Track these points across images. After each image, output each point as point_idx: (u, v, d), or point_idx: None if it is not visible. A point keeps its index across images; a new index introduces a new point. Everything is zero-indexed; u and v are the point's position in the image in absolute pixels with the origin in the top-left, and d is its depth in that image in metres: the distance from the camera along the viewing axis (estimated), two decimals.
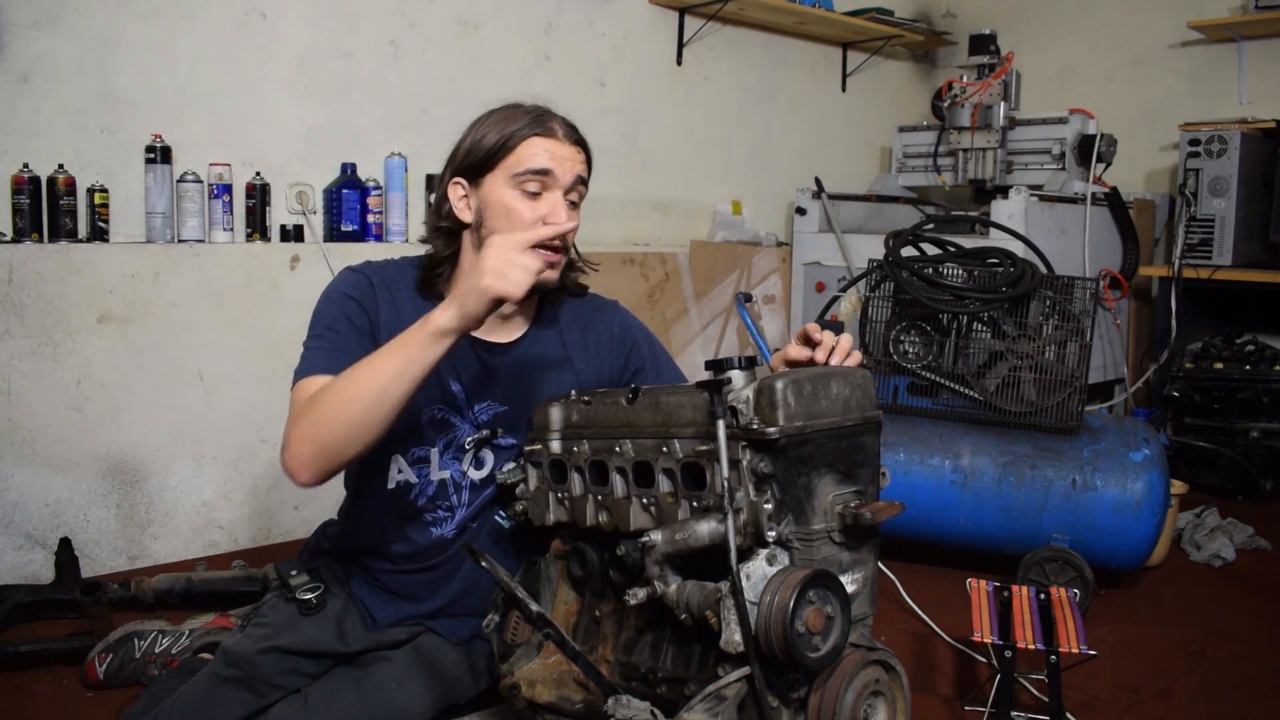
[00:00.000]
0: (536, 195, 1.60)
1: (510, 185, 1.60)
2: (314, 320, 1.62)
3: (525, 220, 1.58)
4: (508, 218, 1.59)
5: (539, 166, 1.58)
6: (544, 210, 1.59)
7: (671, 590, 1.30)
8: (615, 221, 3.81)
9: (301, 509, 2.93)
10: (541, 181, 1.59)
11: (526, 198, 1.59)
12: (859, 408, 1.36)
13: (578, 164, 1.63)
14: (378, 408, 1.42)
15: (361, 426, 1.43)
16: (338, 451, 1.44)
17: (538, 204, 1.59)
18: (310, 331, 1.61)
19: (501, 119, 1.63)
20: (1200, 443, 3.46)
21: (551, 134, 1.61)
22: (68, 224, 2.55)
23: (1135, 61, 4.43)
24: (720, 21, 4.02)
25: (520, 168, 1.59)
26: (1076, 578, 2.40)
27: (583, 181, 1.64)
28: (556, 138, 1.61)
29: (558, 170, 1.59)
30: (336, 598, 1.74)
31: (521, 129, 1.60)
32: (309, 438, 1.43)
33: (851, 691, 1.25)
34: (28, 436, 2.49)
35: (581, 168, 1.63)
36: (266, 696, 1.61)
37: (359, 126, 3.10)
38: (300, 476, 1.45)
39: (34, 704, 1.94)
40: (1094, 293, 2.60)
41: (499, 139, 1.60)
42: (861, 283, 2.96)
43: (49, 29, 2.56)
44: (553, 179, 1.59)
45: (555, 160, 1.59)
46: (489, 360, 1.68)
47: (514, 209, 1.59)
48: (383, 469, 1.67)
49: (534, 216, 1.58)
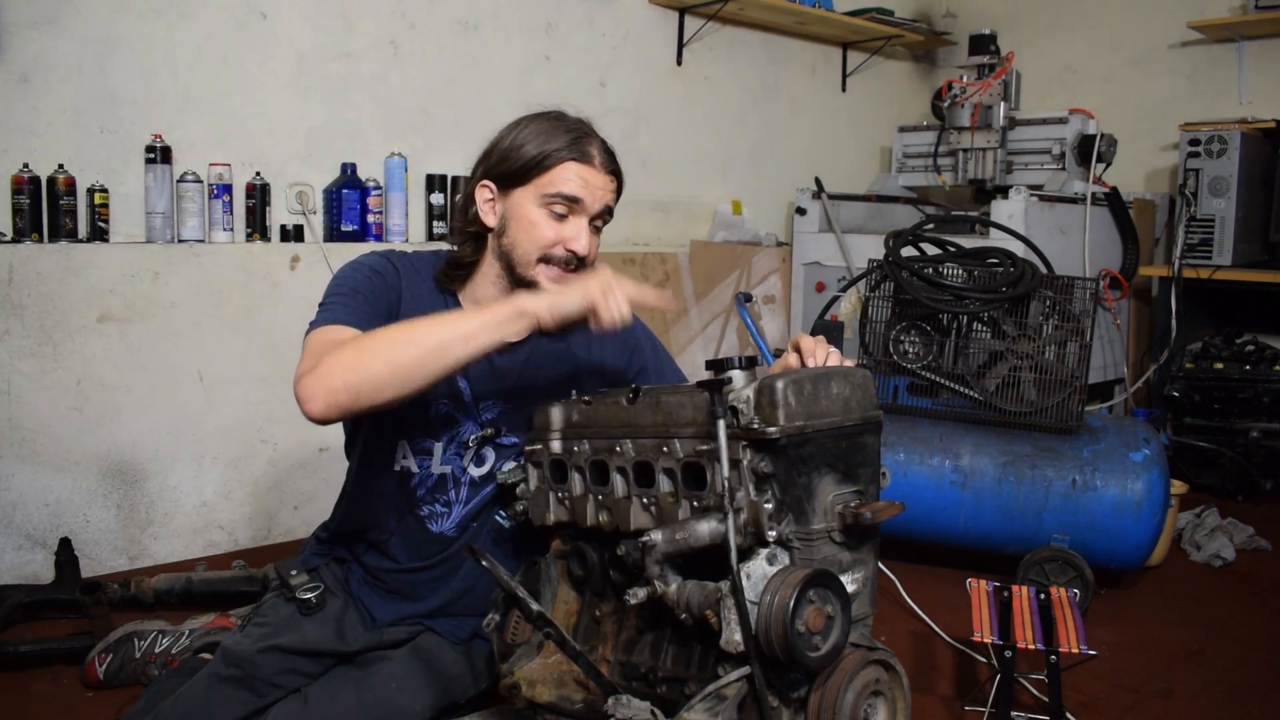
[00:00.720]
0: (563, 217, 1.60)
1: (538, 203, 1.60)
2: (335, 284, 1.60)
3: (546, 240, 1.59)
4: (529, 233, 1.60)
5: (570, 194, 1.59)
6: (568, 234, 1.60)
7: (671, 590, 1.30)
8: (615, 221, 3.74)
9: (301, 509, 2.93)
10: (569, 207, 1.60)
11: (552, 218, 1.60)
12: (859, 408, 1.36)
13: (608, 193, 1.63)
14: (432, 361, 1.38)
15: (406, 372, 1.37)
16: (371, 390, 1.37)
17: (562, 227, 1.60)
18: (329, 292, 1.59)
19: (542, 132, 1.61)
20: (1200, 443, 3.46)
21: (589, 160, 1.60)
22: (68, 224, 2.55)
23: (1135, 61, 4.43)
24: (720, 21, 4.02)
25: (552, 189, 1.59)
26: (1076, 578, 2.40)
27: (609, 211, 1.65)
28: (593, 165, 1.60)
29: (588, 199, 1.60)
30: (336, 597, 1.74)
31: (560, 150, 1.59)
32: (347, 367, 1.36)
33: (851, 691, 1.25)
34: (28, 436, 2.49)
35: (611, 197, 1.64)
36: (266, 696, 1.61)
37: (359, 126, 3.10)
38: (315, 404, 1.36)
39: (34, 704, 1.94)
40: (1094, 293, 2.60)
41: (536, 154, 1.59)
42: (861, 283, 2.96)
43: (49, 29, 2.56)
44: (581, 206, 1.60)
45: (587, 189, 1.59)
46: (496, 360, 1.68)
47: (538, 227, 1.60)
48: (389, 451, 1.68)
49: (556, 237, 1.59)
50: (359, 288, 1.59)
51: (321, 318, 1.53)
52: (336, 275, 1.64)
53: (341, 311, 1.53)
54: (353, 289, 1.59)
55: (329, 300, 1.58)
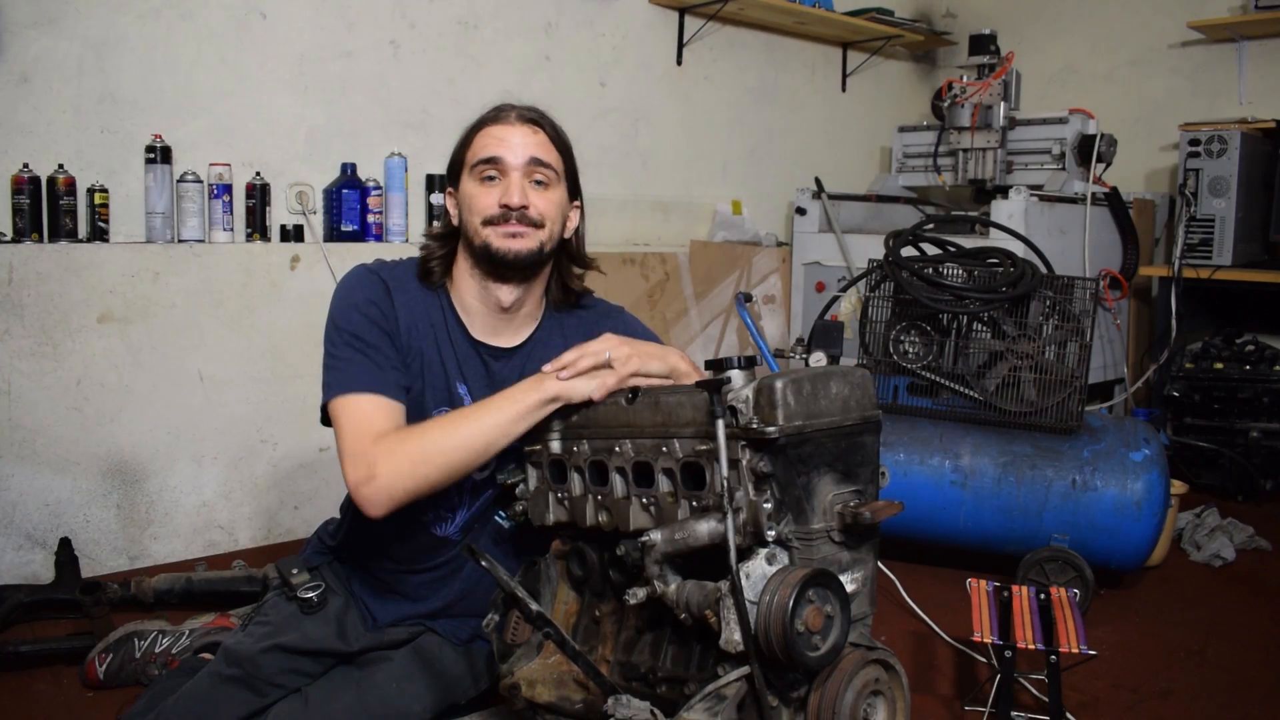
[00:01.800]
0: (493, 180, 1.62)
1: (472, 178, 1.64)
2: (339, 326, 1.60)
3: (482, 205, 1.61)
4: (470, 206, 1.63)
5: (487, 155, 1.61)
6: (497, 194, 1.61)
7: (671, 590, 1.30)
8: (615, 221, 3.81)
9: (301, 509, 2.93)
10: (496, 168, 1.62)
11: (484, 186, 1.62)
12: (858, 407, 1.36)
13: (530, 145, 1.63)
14: (479, 458, 1.51)
15: (459, 471, 1.50)
16: (427, 490, 1.50)
17: (494, 189, 1.62)
18: (338, 338, 1.59)
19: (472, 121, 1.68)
20: (1200, 443, 3.46)
21: (503, 120, 1.63)
22: (68, 224, 2.55)
23: (1135, 61, 4.43)
24: (720, 21, 4.02)
25: (474, 159, 1.63)
26: (1076, 578, 2.40)
27: (542, 163, 1.63)
28: (507, 122, 1.63)
29: (507, 155, 1.61)
30: (337, 597, 1.74)
31: (477, 123, 1.65)
32: (405, 474, 1.47)
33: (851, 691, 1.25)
34: (28, 436, 2.49)
35: (537, 148, 1.63)
36: (267, 696, 1.61)
37: (359, 126, 3.10)
38: (379, 510, 1.48)
39: (34, 704, 1.94)
40: (1094, 293, 2.60)
41: (462, 138, 1.67)
42: (861, 283, 2.96)
43: (49, 29, 2.56)
44: (504, 163, 1.61)
45: (503, 145, 1.61)
46: (494, 364, 1.69)
47: (473, 197, 1.63)
48: None
49: (490, 201, 1.61)
50: (366, 337, 1.59)
51: (342, 380, 1.56)
52: (336, 312, 1.62)
53: (362, 373, 1.56)
54: (358, 336, 1.59)
55: (340, 356, 1.58)
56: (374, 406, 1.54)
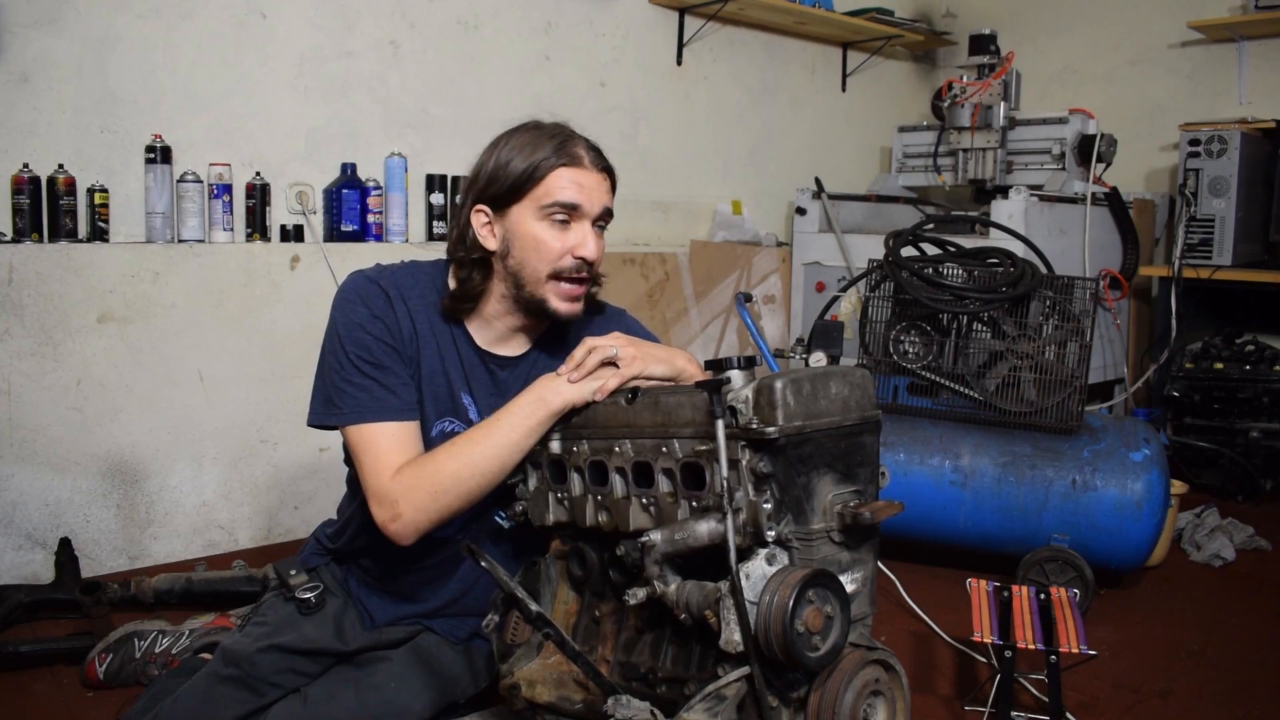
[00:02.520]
0: (565, 225, 1.58)
1: (538, 217, 1.57)
2: (347, 349, 1.57)
3: (554, 252, 1.57)
4: (536, 250, 1.57)
5: (568, 200, 1.56)
6: (573, 242, 1.57)
7: (671, 590, 1.30)
8: (615, 221, 3.74)
9: (301, 509, 2.93)
10: (570, 214, 1.57)
11: (555, 229, 1.58)
12: (858, 407, 1.36)
13: (603, 193, 1.61)
14: (494, 482, 1.52)
15: (479, 494, 1.53)
16: (452, 516, 1.54)
17: (566, 235, 1.58)
18: (346, 360, 1.56)
19: (526, 144, 1.58)
20: (1200, 443, 3.46)
21: (579, 163, 1.57)
22: (68, 224, 2.55)
23: (1135, 61, 4.43)
24: (720, 21, 4.02)
25: (548, 200, 1.56)
26: (1076, 578, 2.40)
27: (609, 211, 1.63)
28: (584, 166, 1.58)
29: (585, 203, 1.57)
30: (335, 597, 1.74)
31: (548, 158, 1.56)
32: (430, 510, 1.50)
33: (851, 691, 1.25)
34: (28, 436, 2.49)
35: (607, 196, 1.62)
36: (266, 696, 1.61)
37: (359, 126, 3.10)
38: (408, 542, 1.52)
39: (34, 704, 1.94)
40: (1094, 293, 2.60)
41: (526, 168, 1.56)
42: (861, 283, 2.96)
43: (49, 29, 2.56)
44: (581, 211, 1.58)
45: (583, 192, 1.57)
46: (499, 373, 1.68)
47: (543, 241, 1.57)
48: None
49: (562, 248, 1.57)
50: (376, 357, 1.57)
51: (356, 408, 1.55)
52: (344, 336, 1.58)
53: (376, 403, 1.55)
54: (373, 363, 1.56)
55: (352, 381, 1.55)
56: (390, 436, 1.54)
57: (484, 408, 1.66)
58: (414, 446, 1.57)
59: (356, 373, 1.56)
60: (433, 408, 1.64)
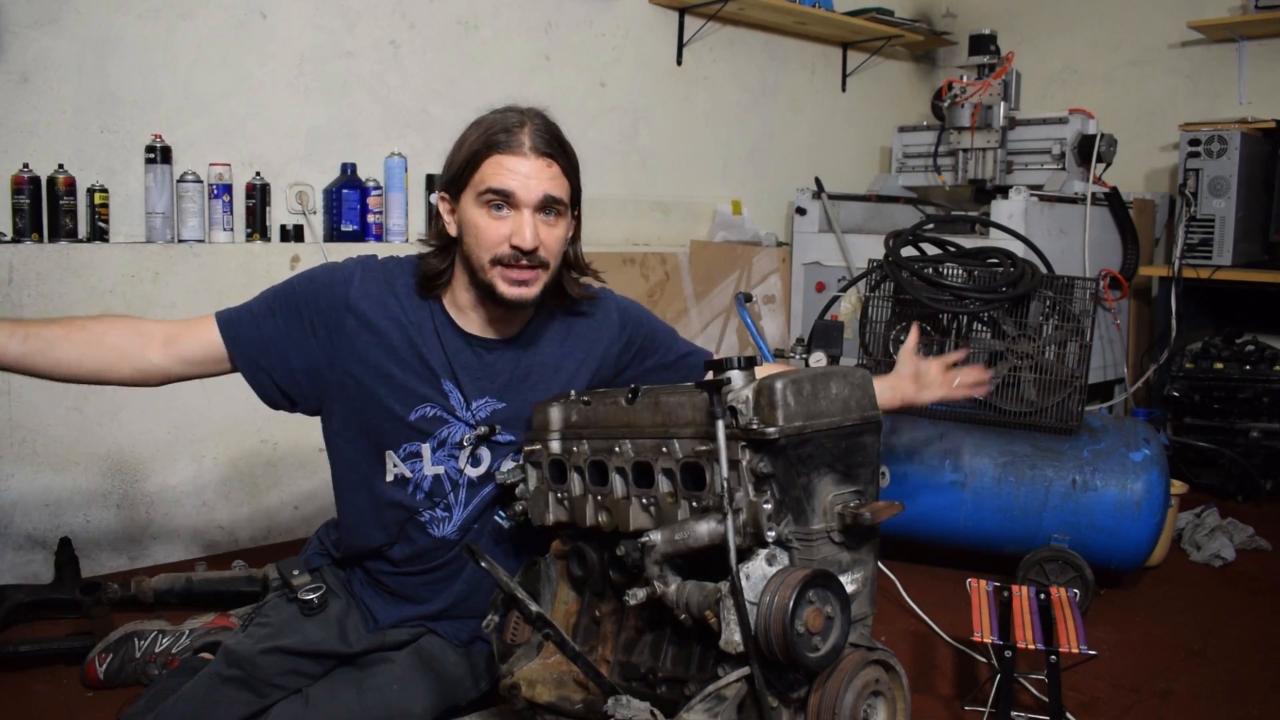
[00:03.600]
0: (502, 212, 1.56)
1: (477, 204, 1.57)
2: (280, 285, 1.68)
3: (490, 239, 1.56)
4: (476, 237, 1.57)
5: (499, 187, 1.54)
6: (507, 231, 1.55)
7: (671, 590, 1.30)
8: (615, 221, 3.81)
9: (301, 509, 2.93)
10: (507, 202, 1.56)
11: (492, 217, 1.56)
12: (859, 408, 1.36)
13: (545, 180, 1.56)
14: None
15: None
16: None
17: (503, 223, 1.56)
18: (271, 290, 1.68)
19: (479, 129, 1.59)
20: (1200, 443, 3.46)
21: (515, 149, 1.54)
22: (68, 224, 2.55)
23: (1135, 61, 4.43)
24: (720, 21, 4.02)
25: (483, 186, 1.56)
26: (1076, 578, 2.40)
27: (554, 200, 1.57)
28: (521, 153, 1.54)
29: (520, 191, 1.54)
30: (338, 598, 1.74)
31: (485, 145, 1.56)
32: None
33: (851, 691, 1.25)
34: (28, 436, 2.49)
35: (551, 184, 1.56)
36: (268, 697, 1.61)
37: (359, 126, 3.10)
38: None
39: (34, 704, 1.94)
40: (1094, 293, 2.60)
41: (466, 155, 1.57)
42: (861, 283, 2.96)
43: (49, 29, 2.56)
44: (515, 198, 1.55)
45: (517, 179, 1.54)
46: (487, 357, 1.68)
47: (481, 229, 1.57)
48: (380, 464, 1.68)
49: (499, 236, 1.56)
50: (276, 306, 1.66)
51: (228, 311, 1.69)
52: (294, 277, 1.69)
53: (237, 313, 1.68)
54: (272, 303, 1.67)
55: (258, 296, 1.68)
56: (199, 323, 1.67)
57: (472, 392, 1.66)
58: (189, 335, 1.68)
59: (259, 300, 1.68)
60: (409, 392, 1.64)
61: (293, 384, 1.67)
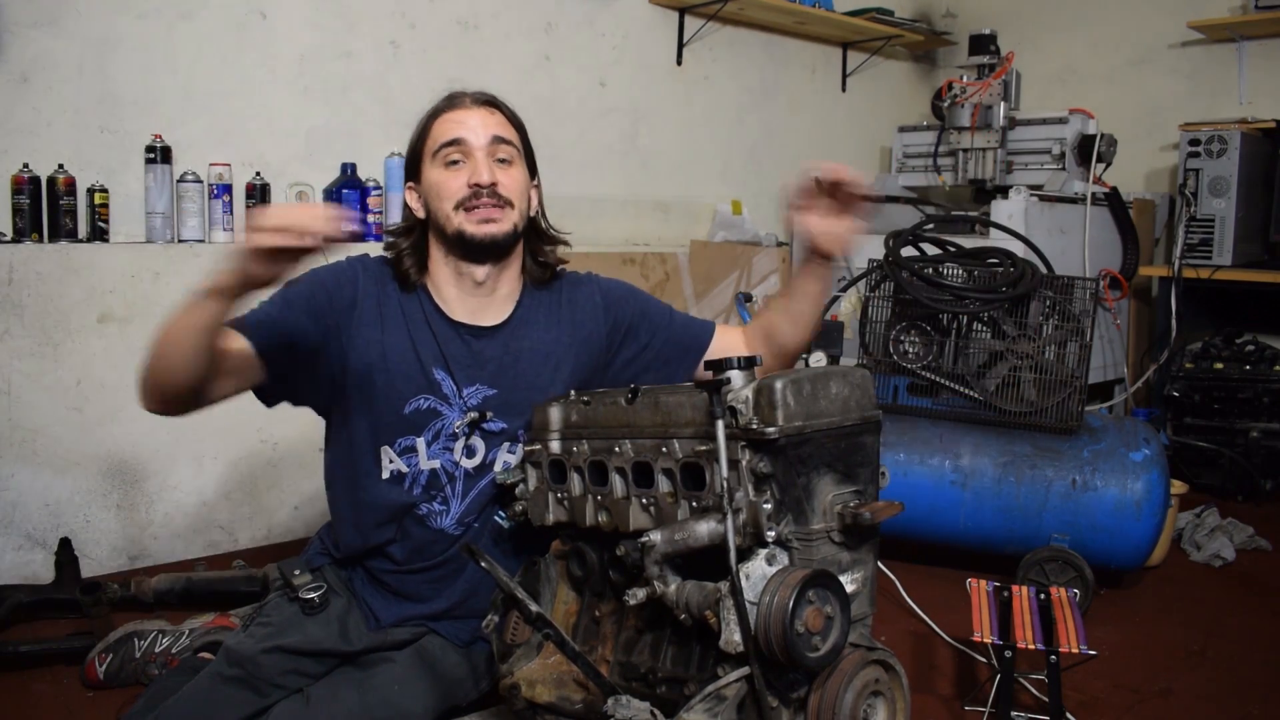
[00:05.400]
0: (458, 164, 1.65)
1: (435, 165, 1.66)
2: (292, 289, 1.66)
3: (452, 189, 1.64)
4: (439, 194, 1.65)
5: (449, 137, 1.65)
6: (465, 177, 1.64)
7: (671, 590, 1.30)
8: (615, 221, 3.81)
9: (301, 509, 2.93)
10: (459, 150, 1.65)
11: (450, 171, 1.65)
12: (858, 407, 1.36)
13: (490, 124, 1.67)
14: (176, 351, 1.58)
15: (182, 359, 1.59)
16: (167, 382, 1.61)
17: (460, 172, 1.65)
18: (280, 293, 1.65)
19: (427, 112, 1.72)
20: (1200, 443, 3.46)
21: (458, 105, 1.69)
22: (68, 224, 2.55)
23: (1135, 61, 4.43)
24: (720, 21, 4.02)
25: (435, 145, 1.66)
26: (1076, 578, 2.40)
27: (503, 140, 1.67)
28: (463, 106, 1.68)
29: (468, 135, 1.65)
30: (339, 597, 1.74)
31: (432, 113, 1.70)
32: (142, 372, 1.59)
33: (851, 691, 1.25)
34: (28, 436, 2.49)
35: (497, 127, 1.68)
36: (269, 696, 1.61)
37: (359, 126, 3.10)
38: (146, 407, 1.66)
39: (34, 704, 1.94)
40: (1094, 293, 2.60)
41: (418, 129, 1.70)
42: (861, 283, 2.96)
43: (49, 29, 2.56)
44: (467, 145, 1.65)
45: (464, 127, 1.65)
46: (475, 344, 1.69)
47: (441, 183, 1.65)
48: (376, 461, 1.68)
49: (459, 184, 1.64)
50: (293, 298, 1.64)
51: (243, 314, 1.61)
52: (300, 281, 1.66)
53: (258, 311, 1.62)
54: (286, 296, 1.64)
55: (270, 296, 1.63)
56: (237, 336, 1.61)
57: (462, 380, 1.67)
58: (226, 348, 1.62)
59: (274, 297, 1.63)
60: (404, 385, 1.65)
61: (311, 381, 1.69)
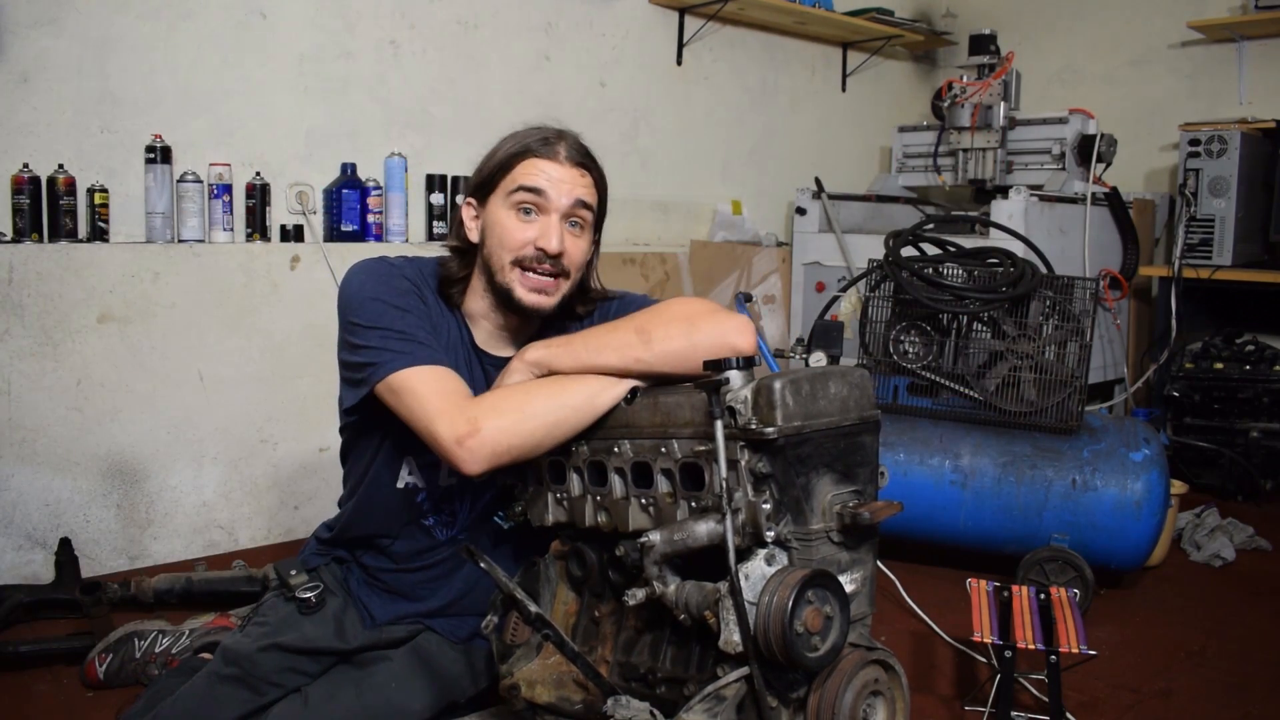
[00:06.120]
0: (531, 215, 1.57)
1: (506, 205, 1.57)
2: (382, 311, 1.53)
3: (516, 240, 1.56)
4: (500, 237, 1.57)
5: (531, 184, 1.55)
6: (533, 234, 1.56)
7: (670, 590, 1.30)
8: (615, 221, 3.78)
9: (301, 509, 2.93)
10: (535, 202, 1.56)
11: (520, 218, 1.57)
12: (857, 407, 1.36)
13: (578, 187, 1.58)
14: (576, 420, 1.44)
15: (564, 433, 1.44)
16: (529, 451, 1.44)
17: (530, 225, 1.56)
18: (381, 323, 1.51)
19: (514, 139, 1.60)
20: (1200, 443, 3.46)
21: (551, 155, 1.57)
22: (68, 224, 2.55)
23: (1135, 61, 4.42)
24: (720, 21, 4.02)
25: (514, 185, 1.56)
26: (1076, 578, 2.40)
27: (585, 205, 1.59)
28: (557, 159, 1.57)
29: (551, 191, 1.56)
30: (336, 596, 1.74)
31: (523, 149, 1.57)
32: (514, 432, 1.40)
33: (850, 691, 1.25)
34: (28, 436, 2.49)
35: (582, 190, 1.58)
36: (266, 695, 1.62)
37: (359, 126, 3.10)
38: (478, 466, 1.40)
39: (34, 704, 1.94)
40: (1094, 293, 2.60)
41: (502, 158, 1.58)
42: (861, 283, 2.96)
43: (49, 29, 2.56)
44: (546, 200, 1.56)
45: (550, 181, 1.56)
46: (493, 373, 1.67)
47: (507, 228, 1.57)
48: (394, 469, 1.68)
49: (524, 238, 1.56)
50: (403, 323, 1.53)
51: (400, 355, 1.48)
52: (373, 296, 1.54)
53: (422, 350, 1.50)
54: (400, 324, 1.52)
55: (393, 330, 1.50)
56: (451, 375, 1.48)
57: None
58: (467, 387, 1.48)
59: (395, 331, 1.51)
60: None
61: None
